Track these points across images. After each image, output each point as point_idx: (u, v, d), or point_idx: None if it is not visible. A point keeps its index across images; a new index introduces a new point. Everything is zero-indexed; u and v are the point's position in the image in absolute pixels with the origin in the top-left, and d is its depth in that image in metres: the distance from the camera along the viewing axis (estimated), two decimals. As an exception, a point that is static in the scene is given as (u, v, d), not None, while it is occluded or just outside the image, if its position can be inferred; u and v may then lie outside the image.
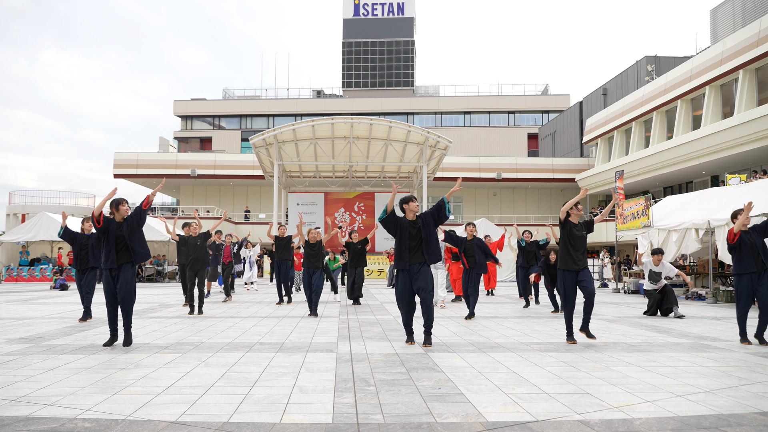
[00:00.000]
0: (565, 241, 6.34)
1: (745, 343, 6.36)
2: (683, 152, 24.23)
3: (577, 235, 6.31)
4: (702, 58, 23.39)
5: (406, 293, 6.06)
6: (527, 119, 49.40)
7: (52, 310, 10.07)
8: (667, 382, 4.34)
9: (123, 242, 6.06)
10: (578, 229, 6.37)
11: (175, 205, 42.65)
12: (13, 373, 4.57)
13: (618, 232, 17.53)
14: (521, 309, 10.75)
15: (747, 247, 6.38)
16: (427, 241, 5.98)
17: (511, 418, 3.36)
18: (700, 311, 10.78)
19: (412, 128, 22.61)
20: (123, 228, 6.11)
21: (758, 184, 13.40)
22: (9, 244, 21.78)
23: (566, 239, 6.33)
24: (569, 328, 6.43)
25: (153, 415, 3.40)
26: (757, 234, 6.44)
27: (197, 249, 9.71)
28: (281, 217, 27.55)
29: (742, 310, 6.46)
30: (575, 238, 6.30)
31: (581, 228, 6.42)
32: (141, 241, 6.17)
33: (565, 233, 6.35)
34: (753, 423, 3.29)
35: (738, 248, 6.44)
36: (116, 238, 6.05)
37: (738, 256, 6.46)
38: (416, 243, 5.98)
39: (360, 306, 11.24)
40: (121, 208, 6.16)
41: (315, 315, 9.17)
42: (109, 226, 6.08)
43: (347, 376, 4.54)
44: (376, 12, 55.63)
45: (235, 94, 53.61)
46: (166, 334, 6.91)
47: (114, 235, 6.05)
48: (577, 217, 6.44)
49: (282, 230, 11.81)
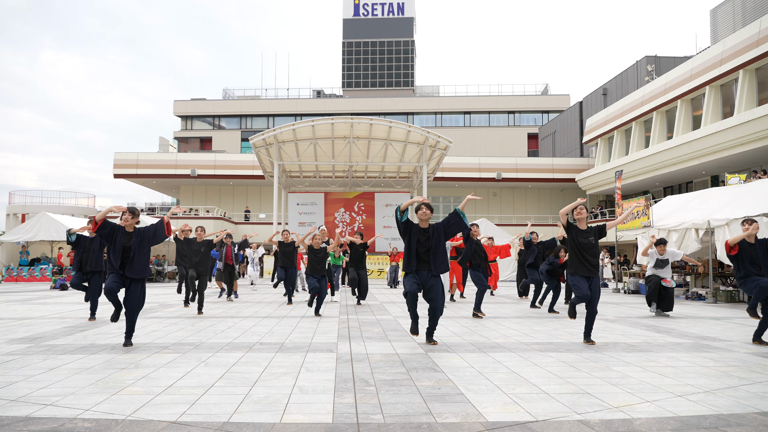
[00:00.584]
0: (573, 248, 6.22)
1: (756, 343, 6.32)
2: (683, 152, 24.23)
3: (584, 242, 6.14)
4: (702, 58, 23.39)
5: (414, 294, 6.01)
6: (527, 119, 49.40)
7: (52, 310, 10.07)
8: (667, 382, 4.34)
9: (129, 253, 5.98)
10: (584, 235, 6.19)
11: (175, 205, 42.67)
12: (13, 373, 4.57)
13: (618, 232, 17.53)
14: (521, 309, 10.74)
15: (748, 257, 6.40)
16: (435, 251, 5.95)
17: (511, 418, 3.36)
18: (700, 311, 10.78)
19: (412, 128, 22.60)
20: (132, 239, 6.02)
21: (758, 184, 13.40)
22: (9, 244, 21.77)
23: (575, 245, 6.19)
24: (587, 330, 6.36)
25: (153, 415, 3.40)
26: (763, 250, 6.41)
27: (199, 255, 9.72)
28: (281, 217, 27.55)
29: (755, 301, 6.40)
30: (583, 245, 6.14)
31: (588, 234, 6.21)
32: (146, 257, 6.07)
33: (572, 238, 6.22)
34: (753, 423, 3.29)
35: (739, 258, 6.46)
36: (123, 249, 5.96)
37: (737, 266, 6.48)
38: (425, 250, 5.94)
39: (360, 306, 11.23)
40: (131, 221, 6.07)
41: (319, 315, 9.25)
42: (116, 235, 5.98)
43: (347, 376, 4.54)
44: (376, 12, 55.64)
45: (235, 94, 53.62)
46: (166, 334, 6.91)
47: (121, 244, 5.96)
48: (582, 223, 6.30)
49: (286, 235, 11.76)
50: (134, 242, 6.00)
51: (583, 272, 6.14)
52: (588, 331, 6.34)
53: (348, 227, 25.72)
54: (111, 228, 6.00)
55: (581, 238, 6.18)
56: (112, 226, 6.02)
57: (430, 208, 6.04)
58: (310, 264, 9.42)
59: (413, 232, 5.96)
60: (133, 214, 6.11)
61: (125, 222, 6.07)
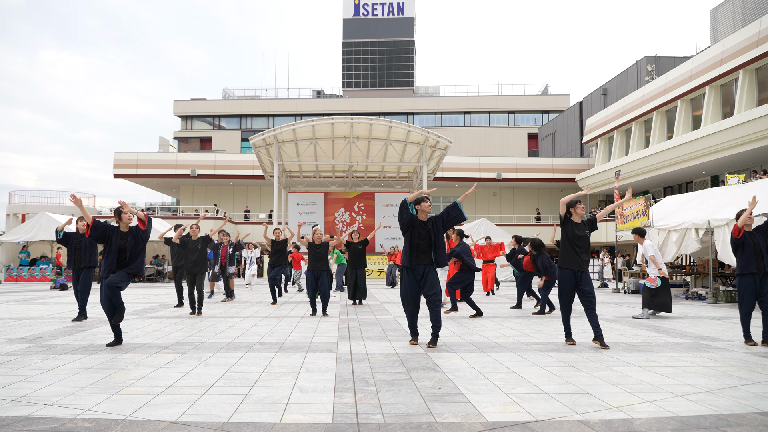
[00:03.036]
0: (567, 240, 6.21)
1: (750, 344, 6.32)
2: (683, 152, 24.23)
3: (580, 235, 6.18)
4: (702, 58, 23.39)
5: (411, 293, 6.04)
6: (527, 119, 49.40)
7: (52, 310, 10.07)
8: (667, 382, 4.34)
9: (125, 253, 5.92)
10: (580, 228, 6.23)
11: (175, 205, 42.64)
12: (13, 373, 4.57)
13: (618, 232, 17.53)
14: (521, 309, 10.72)
15: (750, 248, 6.37)
16: (435, 243, 6.00)
17: (511, 418, 3.36)
18: (700, 311, 10.77)
19: (412, 128, 22.60)
20: (128, 238, 5.97)
21: (758, 184, 13.40)
22: (9, 244, 21.77)
23: (569, 238, 6.20)
24: (567, 329, 6.35)
25: (153, 415, 3.40)
26: (762, 235, 6.42)
27: (197, 253, 9.54)
28: (281, 216, 27.55)
29: (745, 309, 6.42)
30: (578, 238, 6.16)
31: (584, 227, 6.27)
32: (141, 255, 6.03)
33: (567, 231, 6.22)
34: (753, 423, 3.29)
35: (741, 247, 6.43)
36: (119, 249, 5.90)
37: (740, 256, 6.45)
38: (425, 243, 5.98)
39: (360, 306, 11.23)
40: (124, 217, 6.01)
41: (326, 315, 9.20)
42: (112, 236, 5.92)
43: (347, 376, 4.53)
44: (376, 12, 55.64)
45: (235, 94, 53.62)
46: (166, 334, 6.91)
47: (117, 245, 5.90)
48: (579, 217, 6.32)
49: (278, 233, 11.67)
50: (130, 242, 5.95)
51: (574, 266, 6.14)
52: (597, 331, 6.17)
53: (348, 227, 25.71)
54: (103, 229, 5.92)
55: (577, 230, 6.21)
56: (104, 227, 5.93)
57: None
58: (310, 260, 9.36)
59: (414, 224, 6.02)
60: (118, 215, 6.00)
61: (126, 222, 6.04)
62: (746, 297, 6.39)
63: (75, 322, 8.19)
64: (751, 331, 6.51)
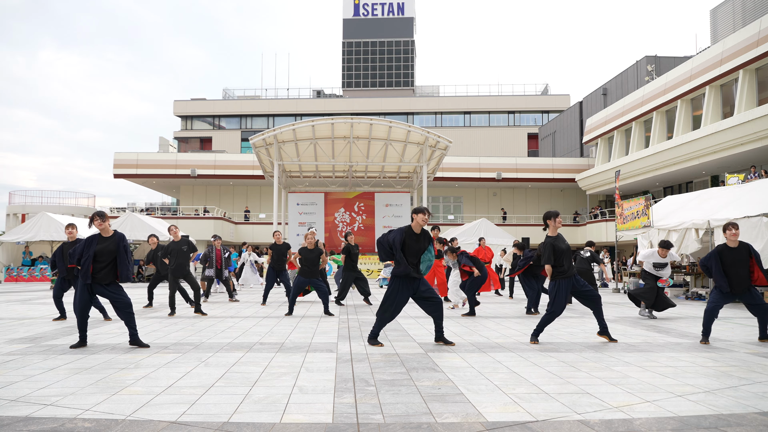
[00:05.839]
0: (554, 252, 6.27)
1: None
2: (683, 152, 24.23)
3: (562, 248, 6.25)
4: (702, 58, 23.39)
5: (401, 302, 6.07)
6: (527, 119, 49.42)
7: (52, 310, 10.08)
8: (667, 382, 4.34)
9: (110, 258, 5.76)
10: (561, 241, 6.32)
11: (175, 205, 42.63)
12: (13, 373, 4.57)
13: (618, 232, 17.53)
14: (521, 309, 10.73)
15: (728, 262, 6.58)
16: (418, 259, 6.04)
17: (511, 418, 3.36)
18: (700, 311, 10.77)
19: (412, 128, 22.60)
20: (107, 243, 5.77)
21: (758, 184, 13.40)
22: (9, 244, 21.77)
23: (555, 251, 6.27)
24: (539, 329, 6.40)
25: (153, 415, 3.40)
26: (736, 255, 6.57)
27: (181, 255, 9.32)
28: (281, 217, 27.55)
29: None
30: (559, 251, 6.23)
31: (563, 240, 6.38)
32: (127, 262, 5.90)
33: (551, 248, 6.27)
34: (753, 423, 3.29)
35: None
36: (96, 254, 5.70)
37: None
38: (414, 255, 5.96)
39: (360, 306, 11.23)
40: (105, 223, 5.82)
41: (330, 314, 9.17)
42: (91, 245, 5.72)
43: (347, 376, 4.54)
44: (376, 12, 55.67)
45: (235, 94, 53.63)
46: (166, 334, 6.91)
47: (93, 250, 5.70)
48: (554, 230, 6.37)
49: (278, 236, 11.58)
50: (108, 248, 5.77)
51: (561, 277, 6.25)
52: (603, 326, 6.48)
53: (348, 227, 25.71)
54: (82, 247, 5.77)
55: (560, 243, 6.28)
56: (80, 246, 5.78)
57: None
58: (302, 265, 9.26)
59: (407, 239, 5.93)
60: (101, 218, 5.82)
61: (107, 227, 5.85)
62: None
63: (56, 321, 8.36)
64: (749, 330, 6.51)
